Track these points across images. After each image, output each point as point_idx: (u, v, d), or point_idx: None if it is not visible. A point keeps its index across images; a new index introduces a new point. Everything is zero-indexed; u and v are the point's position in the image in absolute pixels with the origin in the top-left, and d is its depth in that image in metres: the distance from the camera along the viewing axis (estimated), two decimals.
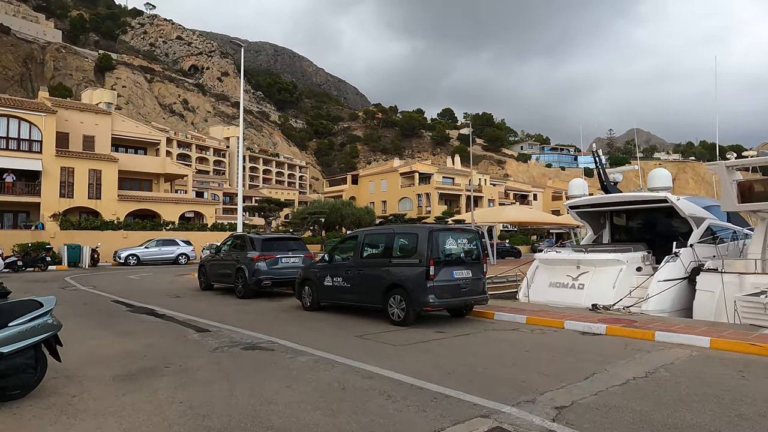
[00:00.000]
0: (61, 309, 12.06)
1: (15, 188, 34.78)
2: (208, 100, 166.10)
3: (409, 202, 62.58)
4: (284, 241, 15.52)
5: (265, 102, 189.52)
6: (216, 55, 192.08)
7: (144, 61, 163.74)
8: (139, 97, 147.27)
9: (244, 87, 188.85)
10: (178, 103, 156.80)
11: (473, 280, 9.96)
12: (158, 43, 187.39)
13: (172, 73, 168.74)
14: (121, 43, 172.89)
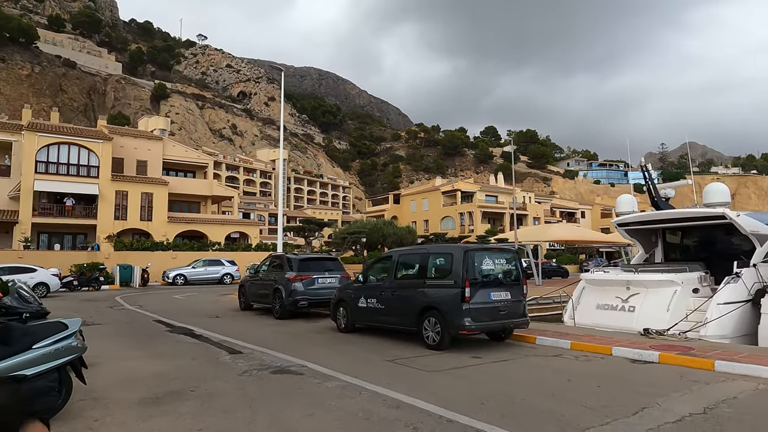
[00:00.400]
0: (105, 329, 12.40)
1: (74, 211, 36.71)
2: (255, 124, 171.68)
3: (451, 221, 61.86)
4: (321, 261, 15.46)
5: (309, 125, 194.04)
6: (263, 81, 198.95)
7: (196, 89, 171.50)
8: (191, 123, 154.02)
9: (289, 111, 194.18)
10: (227, 127, 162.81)
11: (512, 302, 9.49)
12: (209, 71, 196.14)
13: (222, 100, 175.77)
14: (175, 73, 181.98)
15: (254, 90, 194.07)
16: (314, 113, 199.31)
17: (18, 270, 22.10)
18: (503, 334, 9.96)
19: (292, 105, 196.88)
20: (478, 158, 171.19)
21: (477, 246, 9.90)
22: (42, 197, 35.87)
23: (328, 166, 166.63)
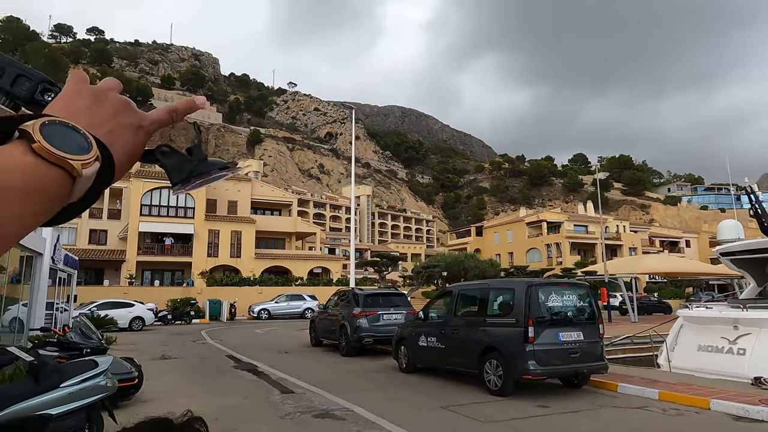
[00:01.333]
0: (179, 363, 12.83)
1: (173, 250, 39.68)
2: (341, 163, 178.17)
3: (537, 253, 58.95)
4: (388, 296, 15.10)
5: (392, 161, 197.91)
6: (348, 122, 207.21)
7: (287, 132, 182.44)
8: (282, 164, 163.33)
9: (373, 148, 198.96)
10: (315, 167, 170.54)
11: (586, 343, 8.46)
12: (299, 115, 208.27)
13: (310, 141, 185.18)
14: (269, 119, 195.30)
15: (340, 130, 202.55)
16: (397, 149, 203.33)
17: (118, 305, 23.99)
18: (577, 379, 8.88)
19: (376, 143, 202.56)
20: (567, 187, 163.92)
21: (542, 281, 9.05)
22: (146, 237, 39.22)
23: (412, 200, 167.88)
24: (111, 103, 0.56)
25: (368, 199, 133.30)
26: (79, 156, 0.46)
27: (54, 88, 0.59)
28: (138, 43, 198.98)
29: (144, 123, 0.58)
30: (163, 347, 16.64)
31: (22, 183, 0.42)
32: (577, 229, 59.96)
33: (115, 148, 0.51)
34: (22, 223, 0.42)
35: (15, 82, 0.58)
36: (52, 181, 0.45)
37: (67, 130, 0.47)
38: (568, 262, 51.88)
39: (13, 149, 0.44)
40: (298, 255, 44.33)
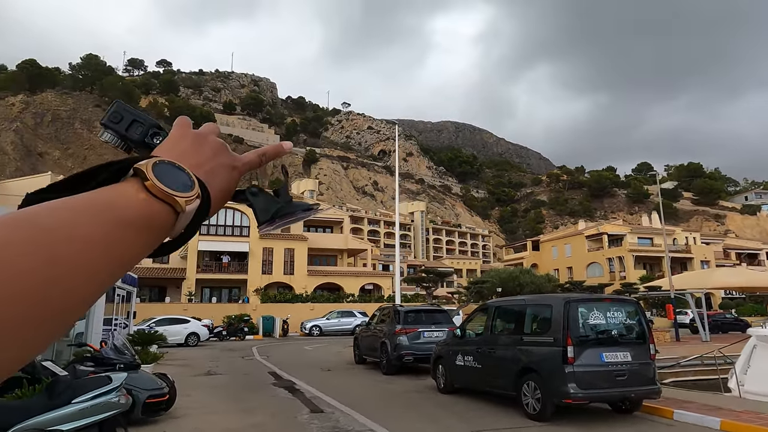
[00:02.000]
0: (221, 379, 13.01)
1: (229, 267, 41.03)
2: (394, 180, 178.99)
3: (598, 268, 56.13)
4: (430, 313, 14.70)
5: (446, 176, 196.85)
6: (401, 139, 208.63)
7: (341, 151, 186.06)
8: (337, 182, 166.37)
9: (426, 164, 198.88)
10: (369, 184, 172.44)
11: (635, 365, 7.76)
12: (353, 134, 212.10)
13: (364, 159, 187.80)
14: (324, 139, 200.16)
15: (393, 148, 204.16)
16: (451, 164, 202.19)
17: (174, 321, 24.92)
18: (625, 405, 8.14)
19: (429, 158, 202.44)
20: (632, 198, 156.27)
21: (582, 296, 8.43)
22: (204, 255, 40.80)
23: (467, 215, 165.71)
24: (210, 145, 0.61)
25: (422, 214, 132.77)
26: (183, 193, 0.51)
27: (162, 132, 0.64)
28: (202, 73, 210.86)
29: (237, 164, 0.63)
30: (211, 363, 17.01)
31: (138, 218, 0.47)
32: (641, 241, 56.66)
33: (212, 187, 0.56)
34: (136, 255, 0.47)
35: (130, 126, 0.63)
36: (160, 216, 0.49)
37: (174, 170, 0.53)
38: (633, 277, 48.98)
39: (129, 187, 0.49)
40: (349, 271, 44.59)
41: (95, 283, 0.41)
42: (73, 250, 0.40)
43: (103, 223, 0.44)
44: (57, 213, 0.42)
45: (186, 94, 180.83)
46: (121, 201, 0.47)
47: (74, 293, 0.39)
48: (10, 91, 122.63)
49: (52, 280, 0.37)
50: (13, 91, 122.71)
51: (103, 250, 0.42)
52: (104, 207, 0.45)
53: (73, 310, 0.40)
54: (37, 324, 0.36)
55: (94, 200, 0.46)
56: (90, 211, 0.44)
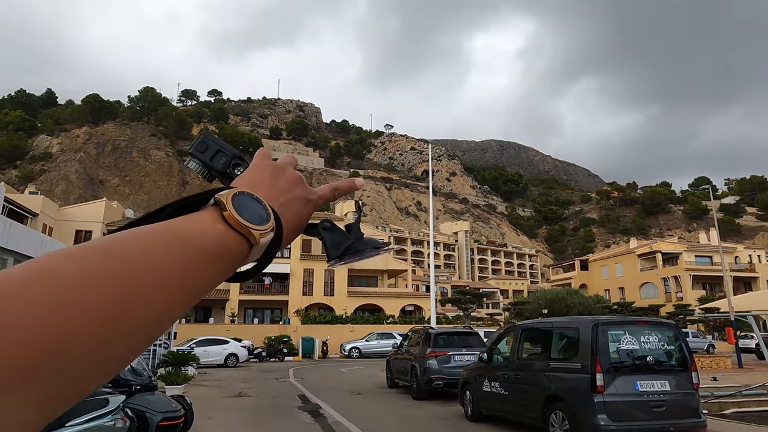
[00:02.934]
0: (249, 401, 12.95)
1: (271, 289, 41.59)
2: (438, 200, 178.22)
3: (652, 288, 53.19)
4: (462, 336, 14.19)
5: (491, 195, 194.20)
6: (444, 159, 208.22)
7: (384, 172, 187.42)
8: (380, 203, 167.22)
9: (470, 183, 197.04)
10: (412, 205, 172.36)
11: (675, 394, 7.07)
12: (395, 155, 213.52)
13: (407, 180, 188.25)
14: (367, 161, 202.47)
15: (436, 167, 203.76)
16: (495, 183, 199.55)
17: (214, 342, 25.31)
18: None
19: (473, 178, 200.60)
20: (689, 214, 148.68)
21: (612, 319, 7.83)
22: None
23: (513, 234, 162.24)
24: (287, 178, 0.62)
25: (466, 234, 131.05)
26: (259, 226, 0.51)
27: (243, 163, 0.66)
28: (250, 100, 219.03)
29: (312, 197, 0.63)
30: (244, 384, 17.04)
31: (213, 248, 0.47)
32: (699, 260, 53.40)
33: (285, 219, 0.57)
34: (209, 285, 0.47)
35: (214, 156, 0.66)
36: (234, 247, 0.49)
37: (253, 202, 0.53)
38: (690, 298, 46.06)
39: (207, 216, 0.50)
40: (389, 293, 44.24)
41: (169, 312, 0.42)
42: (150, 280, 0.40)
43: (181, 252, 0.44)
44: (133, 242, 0.42)
45: (235, 121, 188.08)
46: (197, 230, 0.48)
47: (147, 324, 0.39)
48: (75, 123, 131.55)
49: (126, 310, 0.37)
50: (78, 123, 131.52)
51: (180, 280, 0.43)
52: (181, 236, 0.46)
53: (144, 340, 0.40)
54: (106, 357, 0.36)
55: (170, 229, 0.46)
56: (167, 239, 0.44)
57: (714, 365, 20.88)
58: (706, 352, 29.55)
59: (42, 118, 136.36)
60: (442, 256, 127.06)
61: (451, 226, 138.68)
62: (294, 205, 0.60)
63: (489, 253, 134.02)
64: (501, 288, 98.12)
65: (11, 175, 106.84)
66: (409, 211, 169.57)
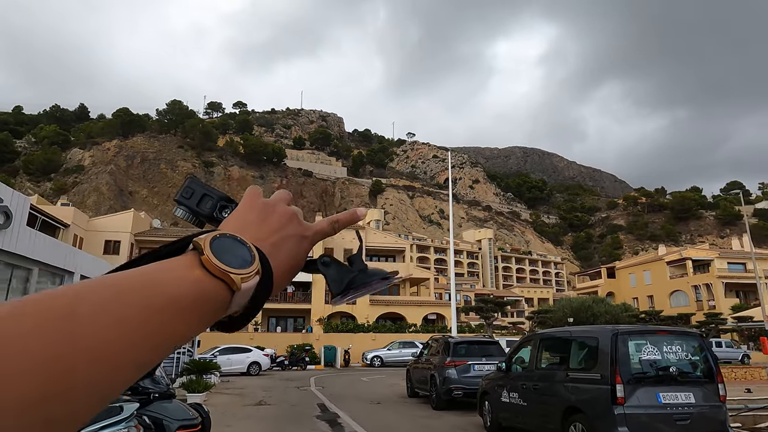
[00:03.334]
0: (268, 410, 13.00)
1: (294, 297, 41.87)
2: (461, 207, 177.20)
3: (683, 296, 51.63)
4: (482, 345, 14.01)
5: (515, 202, 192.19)
6: (467, 166, 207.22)
7: (407, 180, 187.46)
8: (403, 212, 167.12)
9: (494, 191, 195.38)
10: (435, 213, 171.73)
11: (701, 407, 6.81)
12: (418, 164, 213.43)
13: (429, 188, 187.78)
14: (389, 169, 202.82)
15: (459, 175, 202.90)
16: (519, 190, 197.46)
17: (237, 350, 25.56)
18: None
19: (497, 185, 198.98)
20: (721, 220, 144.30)
21: (633, 328, 7.61)
22: None
23: (537, 242, 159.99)
24: (278, 216, 0.58)
25: (490, 242, 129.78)
26: (240, 270, 0.47)
27: (231, 205, 0.63)
28: (274, 111, 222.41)
29: (307, 233, 0.60)
30: (265, 392, 17.12)
31: (185, 296, 0.43)
32: (732, 267, 51.66)
33: (276, 260, 0.52)
34: (183, 335, 0.43)
35: (201, 201, 0.63)
36: (213, 294, 0.45)
37: (235, 244, 0.49)
38: (723, 306, 44.53)
39: (184, 262, 0.46)
40: (411, 301, 44.05)
41: (135, 364, 0.39)
42: (104, 336, 0.37)
43: (145, 302, 0.40)
44: (90, 295, 0.39)
45: (259, 132, 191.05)
46: (169, 277, 0.44)
47: (99, 380, 0.36)
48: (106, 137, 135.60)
49: (69, 368, 0.34)
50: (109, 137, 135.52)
51: (143, 333, 0.39)
52: (150, 284, 0.42)
53: (103, 395, 0.37)
54: (41, 416, 0.33)
55: (141, 276, 0.43)
56: (134, 288, 0.41)
57: (748, 376, 20.13)
58: (740, 363, 28.50)
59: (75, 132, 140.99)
60: (466, 264, 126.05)
61: (475, 233, 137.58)
62: (287, 244, 0.56)
63: (513, 260, 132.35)
64: (525, 296, 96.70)
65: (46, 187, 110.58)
66: (432, 219, 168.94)
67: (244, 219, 0.57)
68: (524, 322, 42.75)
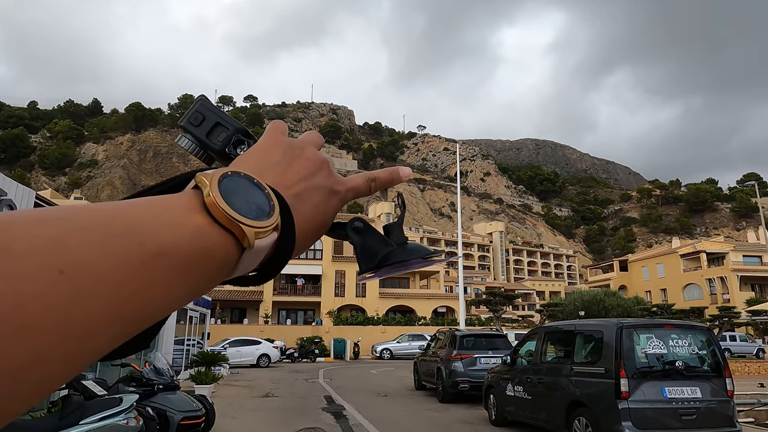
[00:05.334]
0: (275, 402, 13.08)
1: (304, 290, 42.05)
2: (472, 200, 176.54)
3: (697, 289, 50.96)
4: (488, 338, 13.94)
5: (527, 195, 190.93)
6: (478, 159, 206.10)
7: (417, 173, 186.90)
8: (413, 205, 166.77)
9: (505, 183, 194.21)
10: (446, 206, 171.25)
11: (708, 402, 6.69)
12: (428, 156, 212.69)
13: (440, 181, 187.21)
14: (400, 162, 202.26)
15: (470, 168, 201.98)
16: (531, 183, 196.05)
17: (247, 342, 25.75)
18: None
19: (508, 177, 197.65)
20: (737, 213, 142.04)
21: (638, 321, 7.48)
22: (280, 278, 42.14)
23: (549, 235, 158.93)
24: (306, 161, 0.46)
25: (501, 235, 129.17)
26: (255, 221, 0.35)
27: (249, 140, 0.52)
28: (284, 105, 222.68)
29: (340, 188, 0.48)
30: (273, 384, 17.23)
31: (182, 247, 0.32)
32: (747, 260, 50.83)
33: (301, 214, 0.41)
34: (173, 296, 0.32)
35: (212, 131, 0.51)
36: (216, 250, 0.34)
37: (251, 186, 0.38)
38: (738, 300, 43.89)
39: (182, 201, 0.35)
40: (421, 294, 44.02)
41: (97, 332, 0.27)
42: (67, 291, 0.26)
43: (122, 250, 0.29)
44: (59, 224, 0.27)
45: None
46: (161, 222, 0.32)
47: (73, 340, 0.26)
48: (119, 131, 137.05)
49: (28, 329, 0.24)
50: (122, 131, 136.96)
51: (112, 289, 0.28)
52: (135, 228, 0.30)
53: (69, 363, 0.26)
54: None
55: (124, 218, 0.31)
56: (109, 233, 0.29)
57: (762, 371, 19.84)
58: (755, 357, 28.08)
59: (89, 127, 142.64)
60: (477, 257, 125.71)
61: (486, 226, 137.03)
62: (314, 197, 0.44)
63: (525, 253, 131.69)
64: (537, 289, 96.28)
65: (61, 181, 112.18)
66: (443, 212, 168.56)
67: (264, 159, 0.44)
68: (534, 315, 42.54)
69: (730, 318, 29.23)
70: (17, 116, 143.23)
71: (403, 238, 0.52)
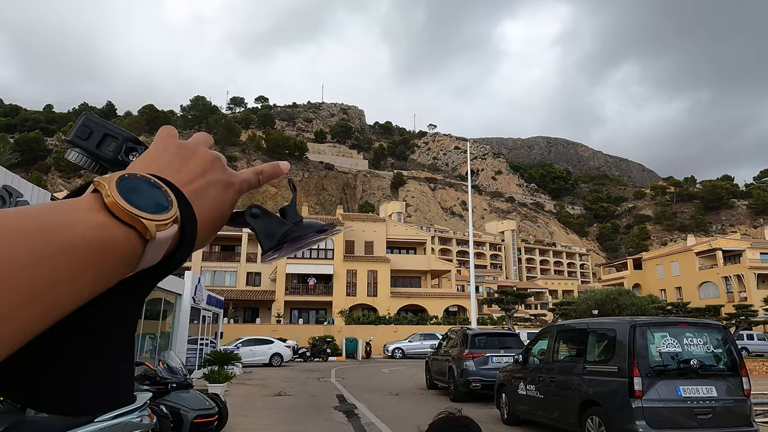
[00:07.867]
0: (287, 401, 13.15)
1: (315, 289, 42.20)
2: (483, 199, 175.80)
3: (713, 287, 50.25)
4: (500, 337, 13.89)
5: (538, 193, 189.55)
6: (489, 157, 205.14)
7: (428, 172, 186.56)
8: (424, 204, 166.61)
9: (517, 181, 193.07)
10: (457, 205, 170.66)
11: (724, 401, 6.60)
12: (439, 155, 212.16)
13: (451, 180, 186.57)
14: (411, 161, 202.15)
15: (481, 166, 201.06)
16: (543, 181, 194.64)
17: (259, 342, 25.91)
18: None
19: (520, 176, 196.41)
20: (755, 209, 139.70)
21: (652, 320, 7.40)
22: (293, 278, 42.37)
23: (562, 233, 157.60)
24: (200, 159, 0.50)
25: (513, 234, 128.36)
26: (154, 215, 0.39)
27: (139, 147, 0.54)
28: (295, 105, 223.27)
29: (234, 180, 0.52)
30: (285, 383, 17.32)
31: (85, 242, 0.35)
32: (765, 258, 49.98)
33: (201, 208, 0.45)
34: (77, 291, 0.35)
35: (101, 142, 0.53)
36: (120, 244, 0.37)
37: (148, 186, 0.41)
38: (755, 298, 43.18)
39: (83, 204, 0.38)
40: (432, 293, 43.94)
41: (16, 317, 0.31)
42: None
43: (31, 248, 0.32)
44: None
45: (281, 126, 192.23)
46: (65, 220, 0.35)
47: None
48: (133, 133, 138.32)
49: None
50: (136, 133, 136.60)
51: (26, 281, 0.31)
52: (41, 225, 0.34)
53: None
54: None
55: (32, 218, 0.34)
56: (22, 229, 0.33)
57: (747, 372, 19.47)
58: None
59: None
60: (488, 256, 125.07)
61: (497, 225, 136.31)
62: (211, 191, 0.48)
63: (537, 252, 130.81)
64: (550, 288, 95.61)
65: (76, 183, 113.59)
66: (454, 211, 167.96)
67: (157, 162, 0.48)
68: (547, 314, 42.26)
69: (747, 316, 28.77)
70: (33, 120, 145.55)
71: (297, 217, 0.57)
